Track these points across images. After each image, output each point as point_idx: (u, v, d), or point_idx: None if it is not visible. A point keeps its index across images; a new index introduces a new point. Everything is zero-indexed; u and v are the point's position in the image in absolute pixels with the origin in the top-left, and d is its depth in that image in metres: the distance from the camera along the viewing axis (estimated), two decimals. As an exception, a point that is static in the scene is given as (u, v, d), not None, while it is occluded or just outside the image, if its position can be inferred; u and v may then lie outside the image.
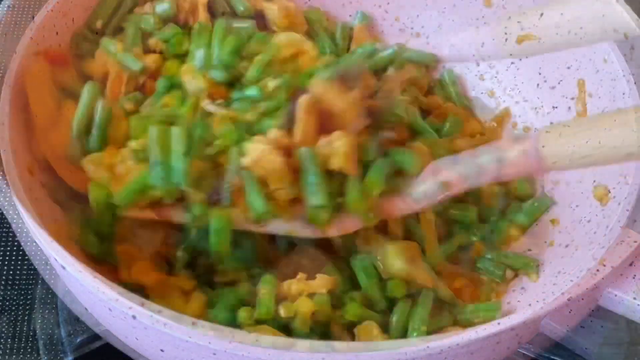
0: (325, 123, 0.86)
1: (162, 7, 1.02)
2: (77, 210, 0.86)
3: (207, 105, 0.90)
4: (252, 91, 0.91)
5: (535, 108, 1.07)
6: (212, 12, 1.05)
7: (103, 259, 0.85)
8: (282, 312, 0.83)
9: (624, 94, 0.95)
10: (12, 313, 0.97)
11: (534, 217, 0.99)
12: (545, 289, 0.91)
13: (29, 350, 0.94)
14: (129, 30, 1.00)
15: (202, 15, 1.04)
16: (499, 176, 0.86)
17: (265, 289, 0.83)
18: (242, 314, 0.83)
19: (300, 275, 0.85)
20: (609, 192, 0.93)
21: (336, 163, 0.84)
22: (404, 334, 0.86)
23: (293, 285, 0.85)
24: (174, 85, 0.94)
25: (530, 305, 0.75)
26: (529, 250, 0.98)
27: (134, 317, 0.70)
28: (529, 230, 0.99)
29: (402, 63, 1.04)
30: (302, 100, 0.85)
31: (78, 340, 0.91)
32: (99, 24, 1.01)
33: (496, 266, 0.94)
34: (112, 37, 1.00)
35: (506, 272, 0.94)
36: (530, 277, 0.93)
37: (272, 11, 1.06)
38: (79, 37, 0.99)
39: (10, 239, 1.04)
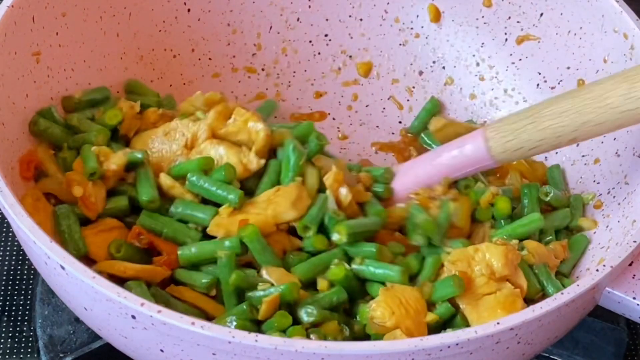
0: None
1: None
2: None
3: None
4: None
5: (535, 108, 1.06)
6: None
7: None
8: (314, 338, 0.82)
9: (623, 94, 0.95)
10: (12, 313, 0.97)
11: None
12: (545, 288, 0.91)
13: (29, 350, 0.94)
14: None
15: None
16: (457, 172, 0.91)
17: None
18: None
19: None
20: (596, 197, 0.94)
21: None
22: None
23: None
24: None
25: (529, 305, 0.74)
26: (529, 250, 0.97)
27: (133, 317, 0.70)
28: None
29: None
30: None
31: (78, 340, 0.91)
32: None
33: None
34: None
35: None
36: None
37: None
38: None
39: (10, 239, 1.04)
